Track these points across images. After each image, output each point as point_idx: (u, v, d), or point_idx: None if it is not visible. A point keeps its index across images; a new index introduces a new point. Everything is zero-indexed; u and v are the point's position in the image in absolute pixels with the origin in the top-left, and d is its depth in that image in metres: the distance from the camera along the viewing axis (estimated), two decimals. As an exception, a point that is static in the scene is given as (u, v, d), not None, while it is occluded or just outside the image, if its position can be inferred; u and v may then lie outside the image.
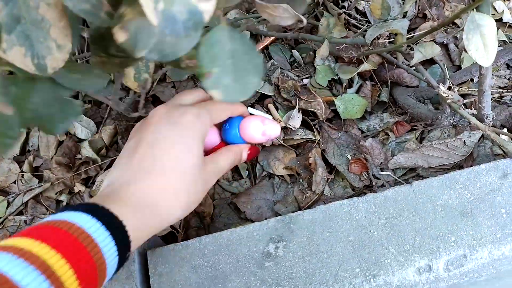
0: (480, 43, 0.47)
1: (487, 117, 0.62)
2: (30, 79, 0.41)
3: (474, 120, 0.61)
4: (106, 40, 0.39)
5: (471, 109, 0.65)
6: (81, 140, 0.92)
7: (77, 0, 0.34)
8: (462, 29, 0.47)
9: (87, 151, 0.90)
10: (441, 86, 0.61)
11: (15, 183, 0.90)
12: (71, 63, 0.43)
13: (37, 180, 0.90)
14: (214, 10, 0.32)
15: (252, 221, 0.71)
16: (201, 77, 0.37)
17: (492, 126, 0.64)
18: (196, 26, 0.30)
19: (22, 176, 0.91)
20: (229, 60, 0.38)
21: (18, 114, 0.40)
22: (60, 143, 0.92)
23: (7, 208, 0.88)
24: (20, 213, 0.88)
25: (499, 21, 0.89)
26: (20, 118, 0.40)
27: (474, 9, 0.48)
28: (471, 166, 0.62)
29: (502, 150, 0.64)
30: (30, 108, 0.43)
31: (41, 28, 0.38)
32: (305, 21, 0.40)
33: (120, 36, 0.32)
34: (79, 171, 0.89)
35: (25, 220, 0.87)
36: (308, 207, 0.71)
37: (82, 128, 0.93)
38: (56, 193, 0.88)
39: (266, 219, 0.62)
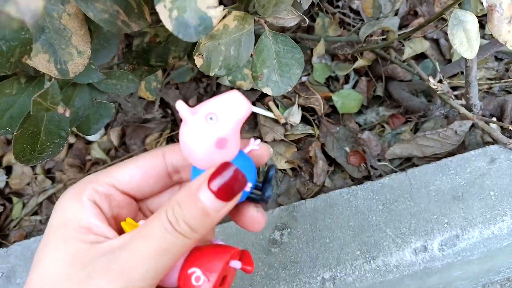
0: (464, 38, 0.51)
1: (475, 106, 0.66)
2: (72, 85, 0.45)
3: (463, 110, 0.65)
4: (147, 53, 0.48)
5: (461, 100, 0.69)
6: (90, 142, 0.96)
7: (97, 11, 0.38)
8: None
9: (96, 152, 0.94)
10: (430, 79, 0.65)
11: (29, 185, 0.94)
12: (109, 71, 0.48)
13: (50, 182, 0.94)
14: (258, 19, 0.38)
15: (258, 213, 0.75)
16: (255, 80, 0.43)
17: (482, 116, 0.68)
18: (206, 30, 0.34)
19: (36, 178, 0.94)
20: (274, 60, 0.44)
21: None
22: (70, 146, 0.96)
23: (22, 209, 0.92)
24: (35, 213, 0.91)
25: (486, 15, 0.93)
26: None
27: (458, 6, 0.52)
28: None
29: (492, 138, 0.68)
30: (71, 111, 0.48)
31: (64, 36, 0.42)
32: (307, 21, 0.45)
33: (198, 62, 0.38)
34: (90, 172, 0.92)
35: (40, 220, 0.91)
36: (310, 198, 0.75)
37: (91, 130, 0.96)
38: (68, 194, 0.91)
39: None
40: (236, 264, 0.31)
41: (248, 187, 0.28)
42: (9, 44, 0.35)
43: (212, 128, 0.27)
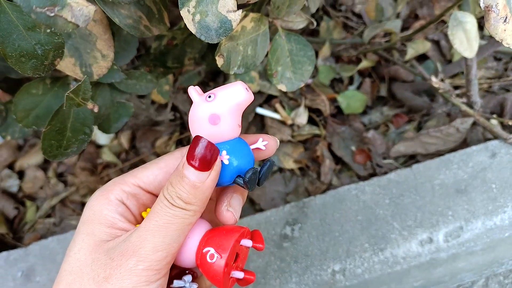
0: (464, 37, 0.54)
1: (475, 104, 0.69)
2: (95, 85, 0.48)
3: (464, 107, 0.68)
4: (165, 56, 0.51)
5: (463, 98, 0.71)
6: (101, 146, 0.99)
7: (122, 17, 0.41)
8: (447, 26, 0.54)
9: (107, 155, 0.97)
10: (432, 78, 0.68)
11: (42, 189, 0.97)
12: (129, 71, 0.50)
13: (63, 185, 0.96)
14: (273, 20, 0.43)
15: (268, 210, 0.77)
16: (270, 77, 0.46)
17: (483, 113, 0.71)
18: (226, 33, 0.37)
19: (48, 182, 0.97)
20: (287, 58, 0.47)
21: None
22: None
23: (36, 212, 0.94)
24: (49, 216, 0.94)
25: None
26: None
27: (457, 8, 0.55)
28: (465, 149, 0.68)
29: (492, 134, 0.70)
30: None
31: (89, 41, 0.45)
32: (315, 23, 0.48)
33: (219, 61, 0.41)
34: (102, 175, 0.95)
35: (54, 222, 0.93)
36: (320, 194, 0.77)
37: (101, 134, 0.99)
38: (81, 196, 0.94)
39: (281, 206, 0.68)
40: (247, 242, 0.34)
41: (225, 158, 0.31)
42: (44, 48, 0.37)
43: (208, 105, 0.31)
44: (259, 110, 0.84)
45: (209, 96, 0.31)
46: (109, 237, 0.32)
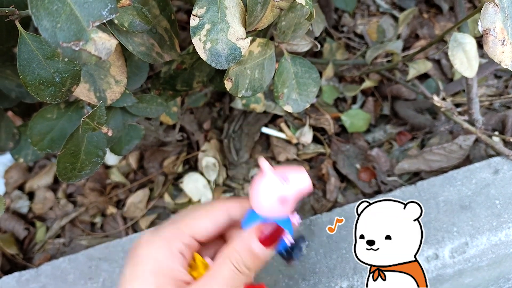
0: (464, 58, 0.55)
1: (477, 121, 0.70)
2: (107, 109, 0.50)
3: (466, 125, 0.69)
4: (174, 79, 0.53)
5: (464, 116, 0.73)
6: (109, 167, 1.00)
7: (135, 44, 0.43)
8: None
9: (116, 176, 0.98)
10: (434, 97, 0.70)
11: (52, 209, 0.98)
12: (140, 95, 0.53)
13: (72, 206, 0.97)
14: (279, 44, 0.45)
15: (275, 228, 0.78)
16: (276, 99, 0.48)
17: (485, 130, 0.73)
18: (235, 59, 0.39)
19: (58, 202, 0.98)
20: (293, 80, 0.49)
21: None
22: (90, 170, 1.00)
23: (46, 232, 0.95)
24: (58, 236, 0.95)
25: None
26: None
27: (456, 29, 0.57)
28: (468, 166, 0.70)
29: (495, 150, 0.72)
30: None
31: (103, 67, 0.47)
32: (319, 46, 0.50)
33: (228, 85, 0.43)
34: (110, 195, 0.96)
35: (63, 243, 0.94)
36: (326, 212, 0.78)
37: (110, 155, 1.00)
38: (90, 216, 0.95)
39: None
40: None
41: (288, 239, 0.37)
42: (61, 76, 0.39)
43: (282, 187, 0.36)
44: (265, 130, 0.86)
45: (284, 179, 0.36)
46: None
